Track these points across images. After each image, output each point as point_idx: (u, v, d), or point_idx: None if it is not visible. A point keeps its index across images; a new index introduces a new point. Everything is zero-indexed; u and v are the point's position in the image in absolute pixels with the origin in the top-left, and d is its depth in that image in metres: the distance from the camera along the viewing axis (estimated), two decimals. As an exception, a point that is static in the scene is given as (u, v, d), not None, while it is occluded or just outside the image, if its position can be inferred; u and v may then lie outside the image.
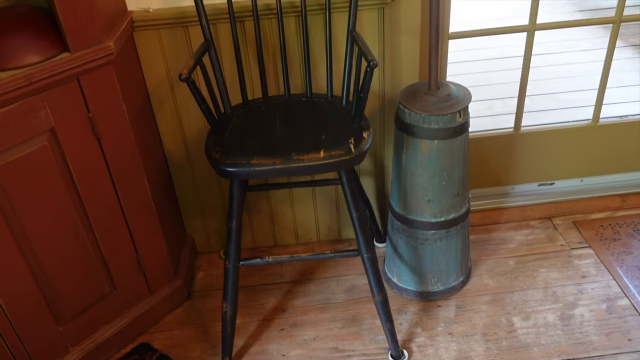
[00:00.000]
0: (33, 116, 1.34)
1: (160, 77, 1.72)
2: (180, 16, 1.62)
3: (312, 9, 1.63)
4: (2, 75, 1.27)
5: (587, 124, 2.12)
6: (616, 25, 1.91)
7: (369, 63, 1.27)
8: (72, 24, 1.35)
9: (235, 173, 1.35)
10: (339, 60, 1.72)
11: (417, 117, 1.55)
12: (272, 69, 1.73)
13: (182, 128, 1.82)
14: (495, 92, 3.07)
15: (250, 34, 1.68)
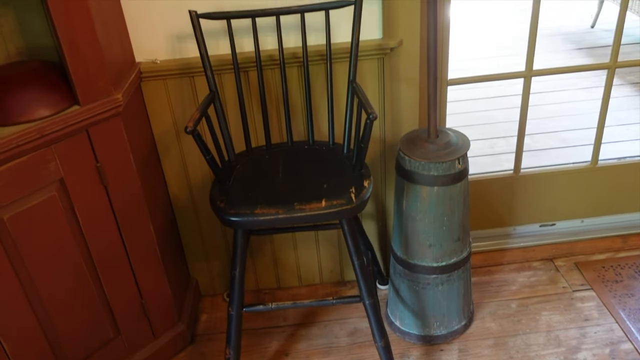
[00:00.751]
0: (43, 167, 1.38)
1: (167, 124, 1.77)
2: (186, 67, 1.68)
3: (314, 59, 1.69)
4: (15, 129, 1.32)
5: (586, 165, 2.15)
6: (611, 70, 1.95)
7: (369, 116, 1.31)
8: (83, 78, 1.40)
9: (240, 222, 1.38)
10: (340, 107, 1.76)
11: (417, 165, 1.58)
12: (275, 117, 1.78)
13: (187, 173, 1.86)
14: (496, 131, 3.12)
15: (254, 84, 1.73)
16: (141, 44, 1.67)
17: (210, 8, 1.61)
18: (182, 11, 1.62)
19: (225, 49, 1.68)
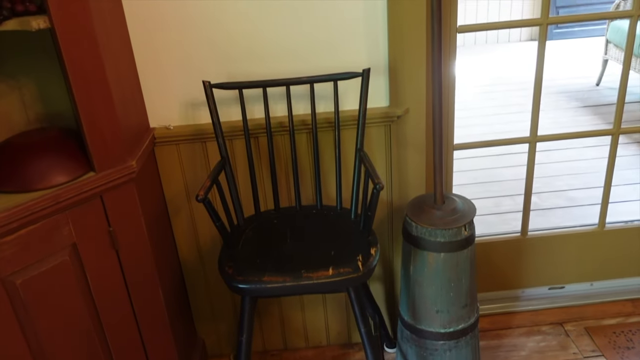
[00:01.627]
0: (57, 233, 1.41)
1: (178, 188, 1.81)
2: (198, 133, 1.73)
3: (322, 126, 1.73)
4: (32, 195, 1.36)
5: (593, 229, 2.15)
6: (615, 136, 1.99)
7: (376, 186, 1.34)
8: (99, 146, 1.45)
9: (247, 290, 1.40)
10: (348, 172, 1.80)
11: (424, 231, 1.60)
12: (284, 181, 1.82)
13: (197, 235, 1.88)
14: (502, 189, 3.14)
15: (264, 149, 1.77)
16: (156, 110, 1.73)
17: (223, 78, 1.67)
18: (196, 80, 1.68)
19: (237, 115, 1.73)
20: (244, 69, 1.67)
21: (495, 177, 3.29)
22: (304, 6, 1.61)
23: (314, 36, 1.65)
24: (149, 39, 1.63)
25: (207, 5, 1.60)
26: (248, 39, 1.64)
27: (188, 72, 1.68)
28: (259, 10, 1.61)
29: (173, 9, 1.60)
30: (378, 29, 1.65)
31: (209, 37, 1.63)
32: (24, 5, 1.34)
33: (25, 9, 1.34)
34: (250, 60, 1.66)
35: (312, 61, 1.67)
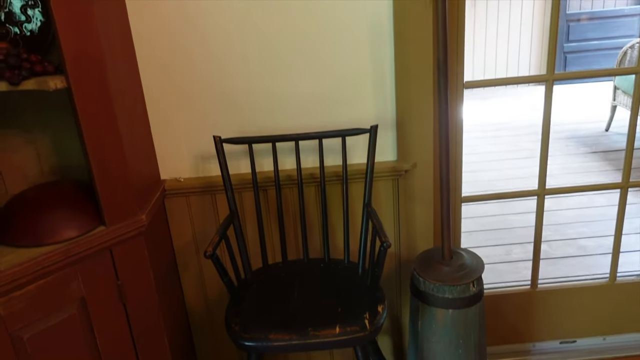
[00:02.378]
0: (65, 287, 1.42)
1: (187, 239, 1.82)
2: (208, 185, 1.75)
3: (331, 180, 1.75)
4: (43, 250, 1.38)
5: (604, 282, 2.12)
6: (624, 190, 1.98)
7: (383, 244, 1.35)
8: (110, 201, 1.47)
9: (253, 347, 1.39)
10: (355, 224, 1.81)
11: (432, 287, 1.59)
12: (292, 233, 1.82)
13: (204, 286, 1.88)
14: (512, 236, 3.12)
15: (272, 201, 1.79)
16: (167, 163, 1.76)
17: (233, 132, 1.70)
18: (207, 133, 1.71)
19: (246, 168, 1.76)
20: (254, 123, 1.70)
21: (505, 223, 3.28)
22: (313, 63, 1.65)
23: (323, 92, 1.68)
24: (161, 94, 1.67)
25: (219, 62, 1.64)
26: (259, 94, 1.68)
27: (199, 126, 1.71)
28: (269, 67, 1.65)
29: (186, 66, 1.64)
30: (386, 85, 1.69)
31: (220, 92, 1.67)
32: (42, 66, 1.38)
33: (43, 69, 1.38)
34: (260, 115, 1.70)
35: (321, 116, 1.70)
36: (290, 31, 1.61)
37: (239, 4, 1.58)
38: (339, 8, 1.59)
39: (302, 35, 1.62)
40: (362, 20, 1.61)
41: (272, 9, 1.59)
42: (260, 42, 1.62)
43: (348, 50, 1.64)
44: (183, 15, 1.59)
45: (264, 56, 1.64)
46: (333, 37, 1.62)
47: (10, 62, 1.36)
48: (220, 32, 1.61)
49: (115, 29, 1.51)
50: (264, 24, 1.60)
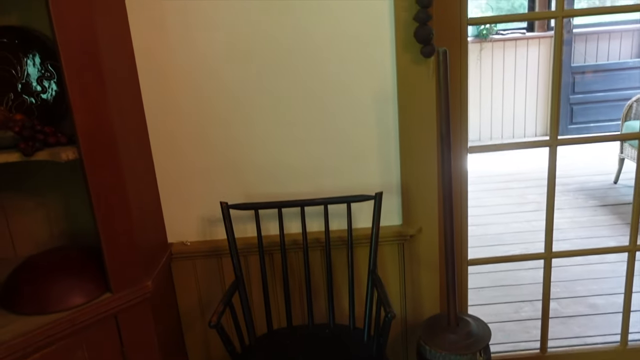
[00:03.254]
0: (71, 355, 1.42)
1: (193, 302, 1.82)
2: (214, 249, 1.76)
3: (336, 244, 1.76)
4: (49, 318, 1.39)
5: (615, 346, 2.08)
6: (632, 254, 1.97)
7: (387, 314, 1.34)
8: (117, 269, 1.49)
9: (256, 421, 1.37)
10: (361, 287, 1.80)
11: (438, 355, 1.57)
12: (297, 298, 1.82)
13: (209, 350, 1.87)
14: (522, 293, 3.07)
15: (278, 265, 1.80)
16: (174, 226, 1.78)
17: (240, 197, 1.73)
18: (214, 198, 1.74)
19: (252, 231, 1.77)
20: (260, 188, 1.73)
21: (514, 279, 3.24)
22: (319, 130, 1.68)
23: (329, 158, 1.71)
24: (170, 160, 1.71)
25: (226, 129, 1.68)
26: (265, 160, 1.71)
27: (206, 191, 1.74)
28: (276, 134, 1.68)
29: (194, 134, 1.68)
30: (391, 151, 1.71)
31: (227, 158, 1.71)
32: (55, 137, 1.43)
33: (56, 140, 1.43)
34: (266, 180, 1.72)
35: (327, 181, 1.73)
36: (296, 98, 1.66)
37: (247, 72, 1.63)
38: (345, 76, 1.64)
39: (309, 102, 1.66)
40: (368, 88, 1.65)
41: (278, 76, 1.64)
42: (267, 109, 1.67)
43: (353, 117, 1.68)
44: (192, 84, 1.64)
45: (270, 122, 1.68)
46: (339, 104, 1.66)
47: (25, 134, 1.40)
48: (228, 100, 1.65)
49: (127, 101, 1.56)
50: (271, 91, 1.65)
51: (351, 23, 1.59)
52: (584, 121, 5.75)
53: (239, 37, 1.60)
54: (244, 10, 1.58)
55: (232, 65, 1.63)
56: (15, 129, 1.41)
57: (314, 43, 1.61)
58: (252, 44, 1.61)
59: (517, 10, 8.06)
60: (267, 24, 1.59)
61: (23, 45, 1.58)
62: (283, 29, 1.59)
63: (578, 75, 5.60)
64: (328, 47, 1.61)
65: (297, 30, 1.60)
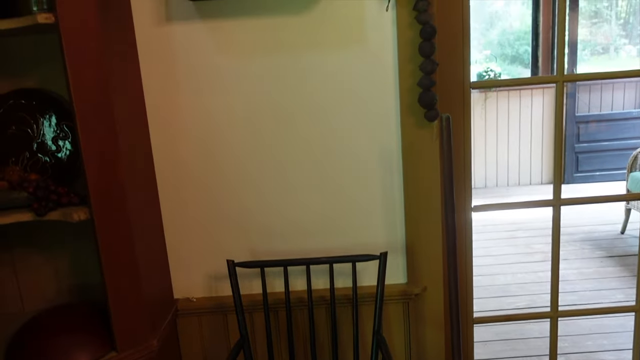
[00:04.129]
0: (73, 416, 1.42)
1: (197, 359, 1.82)
2: (220, 305, 1.77)
3: (341, 302, 1.77)
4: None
5: (625, 409, 2.05)
6: (638, 314, 1.96)
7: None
8: (123, 328, 1.50)
9: None
10: (366, 347, 1.79)
11: (443, 419, 1.56)
12: (302, 356, 1.82)
13: (212, 408, 1.86)
14: (528, 348, 3.02)
15: (283, 323, 1.80)
16: (180, 282, 1.79)
17: (246, 254, 1.75)
18: (220, 255, 1.76)
19: (258, 288, 1.78)
20: (266, 246, 1.75)
21: (521, 333, 3.20)
22: (325, 189, 1.72)
23: (334, 217, 1.74)
24: (178, 217, 1.74)
25: (233, 188, 1.72)
26: (271, 218, 1.74)
27: (213, 248, 1.76)
28: (282, 193, 1.72)
29: (202, 193, 1.72)
30: (395, 210, 1.74)
31: (234, 218, 1.74)
32: (68, 197, 1.47)
33: (69, 200, 1.46)
34: (273, 239, 1.75)
35: (332, 240, 1.75)
36: (303, 160, 1.70)
37: (254, 134, 1.68)
38: (351, 139, 1.68)
39: (315, 163, 1.70)
40: (373, 150, 1.69)
41: (285, 139, 1.68)
42: (273, 170, 1.70)
43: (359, 178, 1.71)
44: (201, 145, 1.68)
45: (277, 183, 1.72)
46: (345, 166, 1.70)
47: (38, 195, 1.44)
48: (235, 161, 1.70)
49: (139, 161, 1.61)
50: (278, 153, 1.69)
51: (357, 89, 1.65)
52: (589, 169, 5.78)
53: (247, 102, 1.66)
54: (252, 77, 1.64)
55: (240, 128, 1.67)
56: (30, 189, 1.45)
57: (321, 108, 1.66)
58: (260, 108, 1.66)
59: (522, 56, 8.20)
60: (275, 90, 1.65)
61: (40, 106, 1.63)
62: (290, 95, 1.65)
63: (582, 125, 5.65)
64: (334, 112, 1.66)
65: (304, 95, 1.65)
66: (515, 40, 9.12)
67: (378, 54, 1.62)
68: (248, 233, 1.75)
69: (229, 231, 1.75)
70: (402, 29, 1.59)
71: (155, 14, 1.60)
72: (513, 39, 9.12)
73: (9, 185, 1.47)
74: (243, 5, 1.59)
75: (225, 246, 1.76)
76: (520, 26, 8.86)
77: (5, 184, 1.47)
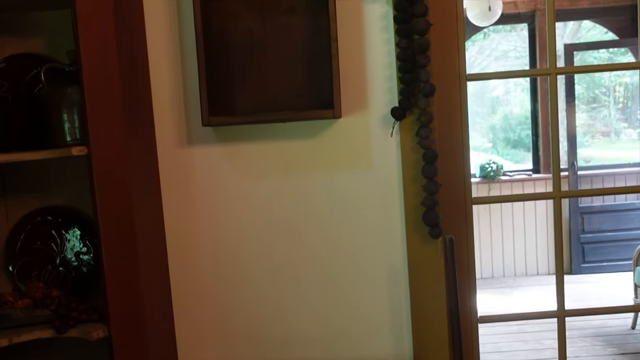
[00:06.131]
0: None
1: None
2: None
3: (350, 416, 1.77)
4: None
5: None
6: None
7: None
8: None
9: None
10: None
11: None
12: None
13: None
14: None
15: None
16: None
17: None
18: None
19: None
20: (274, 356, 1.78)
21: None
22: (333, 301, 1.77)
23: (342, 328, 1.78)
24: (192, 334, 1.78)
25: (245, 302, 1.77)
26: (281, 331, 1.78)
27: (222, 357, 1.79)
28: (291, 308, 1.77)
29: (214, 305, 1.77)
30: (402, 323, 1.78)
31: (245, 330, 1.78)
32: (88, 314, 1.53)
33: (88, 317, 1.52)
34: (281, 350, 1.78)
35: (340, 350, 1.78)
36: (311, 274, 1.76)
37: (266, 251, 1.76)
38: (359, 255, 1.75)
39: (324, 278, 1.76)
40: (381, 265, 1.76)
41: (295, 254, 1.76)
42: (283, 284, 1.77)
43: (366, 292, 1.77)
44: (215, 266, 1.76)
45: (286, 295, 1.77)
46: (352, 279, 1.76)
47: (60, 312, 1.50)
48: (247, 276, 1.77)
49: (157, 279, 1.68)
50: (287, 268, 1.76)
51: (365, 207, 1.74)
52: (596, 260, 5.78)
53: (260, 220, 1.75)
54: (265, 196, 1.74)
55: (252, 245, 1.76)
56: (52, 307, 1.51)
57: (329, 225, 1.75)
58: (271, 225, 1.75)
59: (524, 140, 8.41)
60: (286, 209, 1.74)
61: (65, 222, 1.73)
62: (300, 213, 1.74)
63: (587, 216, 5.72)
64: (343, 229, 1.75)
65: (313, 213, 1.74)
66: (517, 125, 9.39)
67: (384, 175, 1.73)
68: (257, 345, 1.79)
69: (240, 342, 1.79)
70: (406, 153, 1.71)
71: (177, 138, 1.73)
72: (515, 123, 9.39)
73: (33, 303, 1.54)
74: (257, 130, 1.72)
75: (235, 355, 1.79)
76: (520, 111, 9.15)
77: (30, 302, 1.54)
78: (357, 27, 1.70)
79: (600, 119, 8.83)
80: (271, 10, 1.67)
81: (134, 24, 1.64)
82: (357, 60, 1.71)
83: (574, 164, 5.68)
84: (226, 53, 1.66)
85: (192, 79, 1.70)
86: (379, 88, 1.72)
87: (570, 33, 8.15)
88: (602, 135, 8.76)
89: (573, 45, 6.14)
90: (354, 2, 1.70)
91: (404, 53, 1.63)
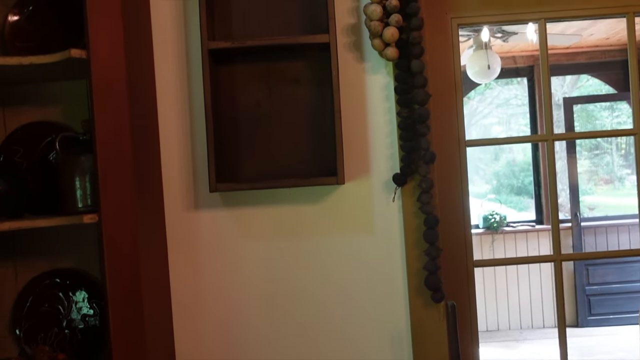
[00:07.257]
0: None
1: None
2: None
3: None
4: None
5: None
6: None
7: None
8: None
9: None
10: None
11: None
12: None
13: None
14: None
15: None
16: None
17: None
18: None
19: None
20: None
21: None
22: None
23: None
24: None
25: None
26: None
27: None
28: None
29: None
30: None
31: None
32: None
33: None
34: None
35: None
36: (318, 334, 1.78)
37: (272, 312, 1.78)
38: (363, 319, 1.77)
39: (331, 338, 1.78)
40: (384, 327, 1.77)
41: (301, 315, 1.78)
42: (291, 344, 1.78)
43: (370, 354, 1.77)
44: (222, 329, 1.78)
45: (288, 355, 1.78)
46: (355, 342, 1.77)
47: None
48: (254, 337, 1.78)
49: (162, 344, 1.69)
50: (293, 328, 1.78)
51: (368, 270, 1.77)
52: (602, 312, 5.71)
53: (266, 282, 1.78)
54: (270, 259, 1.78)
55: (259, 307, 1.78)
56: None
57: (335, 288, 1.77)
58: (277, 287, 1.78)
59: (527, 187, 8.42)
60: (291, 271, 1.78)
61: (73, 284, 1.76)
62: (305, 275, 1.78)
63: (591, 268, 5.70)
64: (348, 291, 1.77)
65: (318, 276, 1.77)
66: (520, 172, 9.43)
67: (386, 239, 1.77)
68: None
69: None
70: (408, 218, 1.75)
71: (184, 202, 1.78)
72: (518, 170, 9.43)
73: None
74: (263, 195, 1.77)
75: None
76: (523, 158, 9.21)
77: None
78: (359, 96, 1.77)
79: (603, 166, 8.88)
80: (277, 80, 1.75)
81: (147, 96, 1.71)
82: (359, 129, 1.77)
83: (577, 215, 5.69)
84: (233, 123, 1.73)
85: (200, 146, 1.77)
86: (381, 155, 1.77)
87: (570, 83, 8.31)
88: (604, 183, 8.79)
89: (572, 98, 6.27)
90: (356, 73, 1.77)
91: (405, 122, 1.69)
